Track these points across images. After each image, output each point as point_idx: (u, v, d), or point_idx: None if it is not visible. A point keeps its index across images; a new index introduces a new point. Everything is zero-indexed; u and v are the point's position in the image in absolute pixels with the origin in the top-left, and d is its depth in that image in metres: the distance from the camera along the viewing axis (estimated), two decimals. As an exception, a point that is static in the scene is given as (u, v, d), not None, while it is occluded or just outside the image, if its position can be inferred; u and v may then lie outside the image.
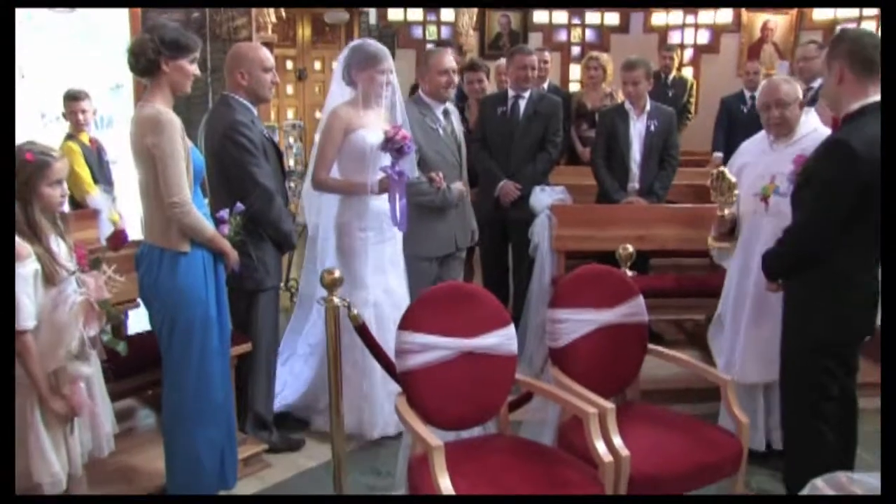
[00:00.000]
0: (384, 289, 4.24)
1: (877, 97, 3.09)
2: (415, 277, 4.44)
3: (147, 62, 3.17)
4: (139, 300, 4.12)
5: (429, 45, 6.16)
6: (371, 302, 4.14)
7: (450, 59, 4.54)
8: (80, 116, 5.47)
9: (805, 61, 5.88)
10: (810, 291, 3.30)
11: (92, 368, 3.02)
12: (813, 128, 3.83)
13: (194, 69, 3.28)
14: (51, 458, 2.85)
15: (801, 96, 3.84)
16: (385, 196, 4.08)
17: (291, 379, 4.54)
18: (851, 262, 3.21)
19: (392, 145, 3.96)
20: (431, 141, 4.47)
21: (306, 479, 3.88)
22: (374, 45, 4.21)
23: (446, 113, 4.62)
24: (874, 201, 3.03)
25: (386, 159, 4.05)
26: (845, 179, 3.07)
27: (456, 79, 4.63)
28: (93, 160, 5.51)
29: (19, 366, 2.75)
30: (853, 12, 8.87)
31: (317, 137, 4.27)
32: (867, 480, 2.43)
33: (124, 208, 4.55)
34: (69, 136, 5.44)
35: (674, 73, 8.05)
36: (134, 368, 3.65)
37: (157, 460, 3.62)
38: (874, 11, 8.64)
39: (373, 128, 4.08)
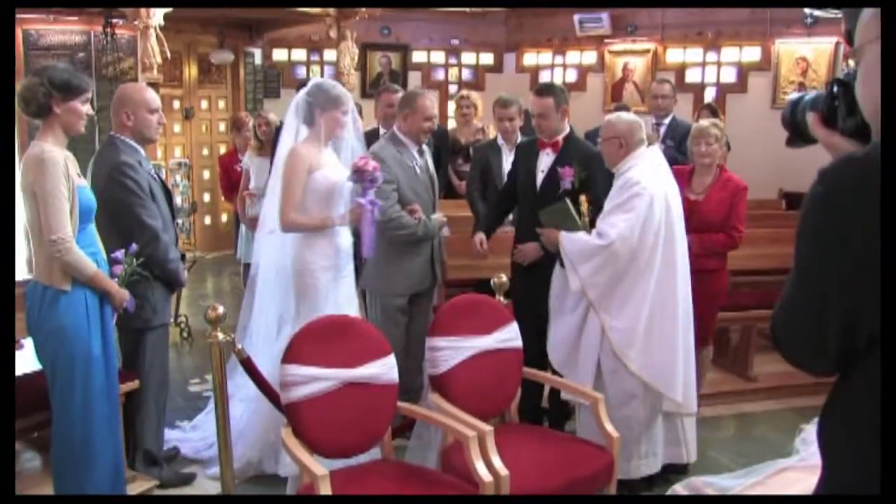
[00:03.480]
0: None
1: None
2: (385, 316, 4.28)
3: (38, 107, 3.08)
4: (23, 342, 3.95)
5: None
6: None
7: (435, 106, 4.35)
8: None
9: (663, 99, 6.08)
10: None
11: None
12: (634, 163, 3.78)
13: (87, 109, 3.19)
14: None
15: (618, 134, 3.79)
16: (344, 232, 3.94)
17: (247, 430, 4.08)
18: None
19: (365, 176, 3.73)
20: (408, 178, 4.24)
21: (197, 513, 3.76)
22: (337, 86, 4.01)
23: (421, 151, 4.40)
24: None
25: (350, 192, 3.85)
26: None
27: (436, 124, 4.44)
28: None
29: None
30: (698, 57, 9.35)
31: (278, 179, 3.95)
32: (719, 482, 2.55)
33: None
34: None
35: None
36: (17, 411, 3.46)
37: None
38: (713, 57, 9.16)
39: (329, 166, 3.89)
